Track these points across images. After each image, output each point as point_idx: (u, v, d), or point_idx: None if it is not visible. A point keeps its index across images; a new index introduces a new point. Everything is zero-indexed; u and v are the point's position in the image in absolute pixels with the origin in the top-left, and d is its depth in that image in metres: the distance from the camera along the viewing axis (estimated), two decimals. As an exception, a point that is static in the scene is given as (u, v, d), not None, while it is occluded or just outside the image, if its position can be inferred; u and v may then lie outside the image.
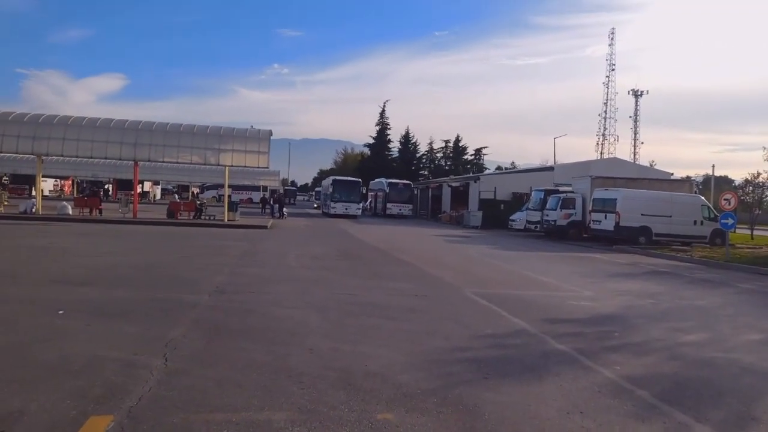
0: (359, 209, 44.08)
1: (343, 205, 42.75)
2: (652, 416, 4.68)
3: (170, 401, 4.38)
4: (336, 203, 42.95)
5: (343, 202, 42.91)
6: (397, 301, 9.22)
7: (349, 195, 43.49)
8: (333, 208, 42.89)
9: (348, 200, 43.10)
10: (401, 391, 4.86)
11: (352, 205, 43.21)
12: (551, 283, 12.60)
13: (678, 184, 31.42)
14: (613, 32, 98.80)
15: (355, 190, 44.36)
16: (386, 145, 78.91)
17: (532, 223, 31.79)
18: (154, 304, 7.93)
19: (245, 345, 6.08)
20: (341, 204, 42.83)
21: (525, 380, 5.44)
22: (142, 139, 27.41)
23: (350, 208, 42.84)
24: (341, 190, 43.76)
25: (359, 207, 44.26)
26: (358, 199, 44.66)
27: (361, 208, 45.40)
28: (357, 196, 44.30)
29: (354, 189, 44.29)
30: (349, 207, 42.83)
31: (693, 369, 6.22)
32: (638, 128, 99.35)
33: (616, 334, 7.79)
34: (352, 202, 43.30)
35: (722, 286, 14.10)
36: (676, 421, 4.60)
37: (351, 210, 42.87)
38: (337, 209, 42.66)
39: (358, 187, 44.89)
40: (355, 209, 43.30)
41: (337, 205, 42.84)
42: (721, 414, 4.88)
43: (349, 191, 43.84)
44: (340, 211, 42.48)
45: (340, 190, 43.66)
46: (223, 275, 11.01)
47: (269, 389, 4.73)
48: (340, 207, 42.76)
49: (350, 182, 45.47)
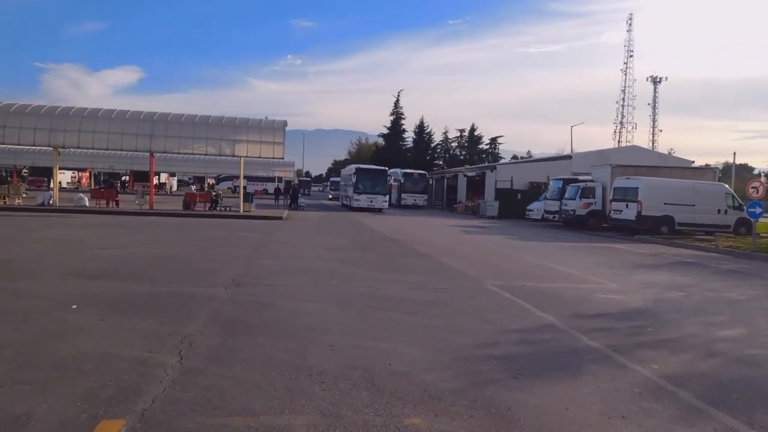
0: (385, 202, 39.21)
1: (368, 198, 38.42)
2: (699, 421, 4.35)
3: (186, 403, 4.14)
4: (359, 195, 38.52)
5: (368, 193, 38.53)
6: (416, 295, 8.94)
7: (374, 186, 38.93)
8: (356, 201, 38.54)
9: (373, 191, 38.65)
10: (428, 393, 4.59)
11: (378, 197, 38.67)
12: (575, 274, 12.23)
13: (700, 172, 30.65)
14: (631, 18, 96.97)
15: (381, 181, 39.74)
16: (400, 135, 78.46)
17: (550, 213, 31.28)
18: (169, 298, 7.73)
19: (263, 341, 5.83)
20: (365, 196, 38.47)
21: (558, 380, 5.14)
22: (158, 130, 27.32)
23: (375, 201, 38.50)
24: (365, 180, 39.13)
25: (385, 199, 39.27)
26: (384, 190, 39.68)
27: (388, 201, 40.21)
28: (383, 187, 39.58)
29: (380, 179, 39.67)
30: (374, 199, 38.46)
31: (735, 367, 5.87)
32: (657, 116, 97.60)
33: (649, 329, 7.44)
34: (377, 194, 38.72)
35: (751, 277, 13.61)
36: (725, 425, 4.28)
37: (376, 203, 38.51)
38: (361, 202, 38.37)
39: (384, 177, 40.32)
40: (381, 202, 38.73)
41: (361, 198, 38.48)
42: (774, 418, 4.54)
43: (374, 181, 39.19)
44: (364, 204, 38.26)
45: (364, 180, 39.05)
46: (239, 267, 10.80)
47: (290, 390, 4.48)
48: (364, 199, 38.41)
49: (376, 171, 40.61)
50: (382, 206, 38.71)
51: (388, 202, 40.02)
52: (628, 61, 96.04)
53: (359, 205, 38.18)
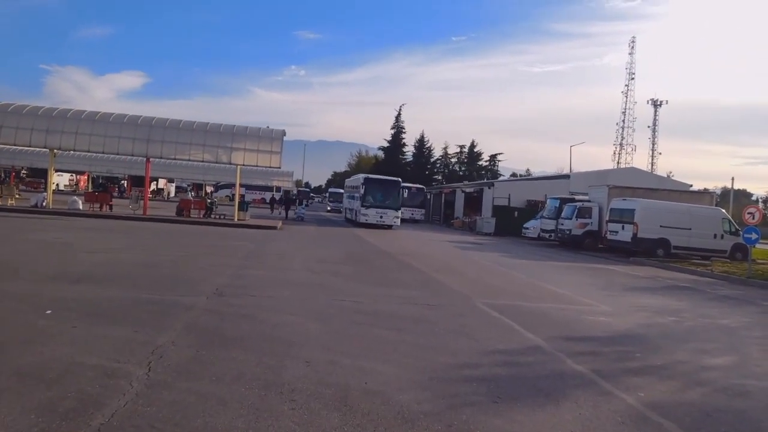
0: (397, 218, 33.67)
1: (378, 212, 32.90)
2: (682, 455, 4.17)
3: (146, 419, 3.96)
4: (368, 209, 32.94)
5: (378, 207, 33.03)
6: (403, 311, 8.75)
7: (385, 198, 33.50)
8: (363, 215, 33.07)
9: (383, 205, 33.15)
10: (402, 415, 4.40)
11: (389, 213, 33.06)
12: (566, 295, 12.05)
13: (698, 196, 30.61)
14: (633, 41, 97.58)
15: (394, 193, 34.10)
16: (401, 149, 78.46)
17: (547, 232, 31.14)
18: (147, 306, 7.55)
19: (237, 355, 5.64)
20: (374, 210, 32.91)
21: (539, 406, 4.95)
22: (155, 135, 27.23)
23: (386, 216, 32.94)
24: (376, 191, 33.59)
25: (397, 215, 33.67)
26: (397, 204, 33.92)
27: (400, 217, 34.53)
28: (395, 201, 33.93)
29: (392, 191, 34.10)
30: (385, 215, 32.90)
31: (724, 398, 5.68)
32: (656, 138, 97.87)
33: (637, 354, 7.26)
34: (388, 208, 33.13)
35: (746, 304, 13.43)
36: (710, 461, 4.09)
37: (387, 218, 32.97)
38: (369, 216, 32.81)
39: (397, 189, 34.45)
40: (392, 218, 33.19)
41: (369, 212, 32.89)
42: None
43: (386, 193, 33.75)
44: (373, 219, 32.73)
45: (374, 192, 33.52)
46: (225, 277, 10.62)
47: (257, 408, 4.29)
48: (373, 214, 32.86)
49: (388, 183, 34.89)
50: (394, 222, 33.43)
51: (400, 218, 34.49)
52: (629, 84, 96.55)
53: (367, 220, 32.91)
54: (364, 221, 32.86)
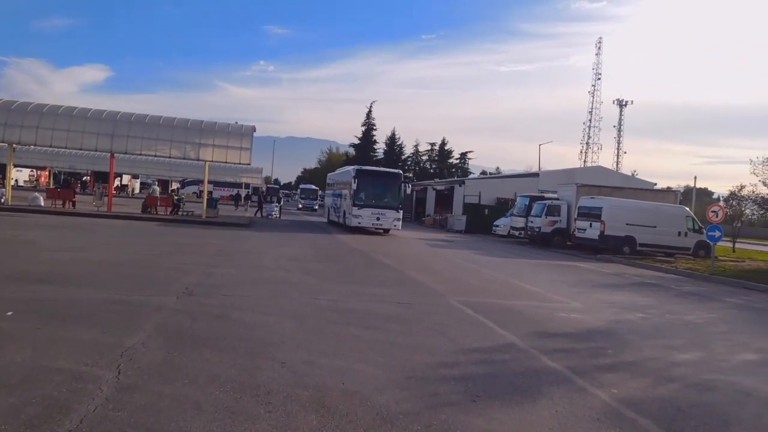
0: (399, 220, 27.06)
1: (374, 213, 26.37)
2: (657, 450, 4.23)
3: (116, 424, 3.81)
4: (361, 209, 26.32)
5: (373, 207, 26.43)
6: (378, 309, 8.70)
7: (382, 196, 27.03)
8: (354, 217, 26.42)
9: (380, 204, 26.69)
10: (381, 416, 4.35)
11: (388, 214, 26.53)
12: (538, 292, 12.18)
13: (662, 195, 31.38)
14: (600, 42, 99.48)
15: (393, 189, 27.52)
16: (372, 146, 78.38)
17: (516, 229, 31.51)
18: (115, 306, 7.31)
19: (210, 356, 5.50)
20: (369, 211, 26.33)
21: (517, 403, 4.97)
22: (120, 130, 26.52)
23: (384, 218, 26.52)
24: (371, 187, 27.01)
25: (398, 216, 26.95)
26: (397, 203, 27.23)
27: (401, 218, 27.68)
28: (395, 198, 27.29)
29: (391, 187, 27.58)
30: (382, 216, 26.45)
31: (694, 393, 5.80)
32: (622, 138, 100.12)
33: (609, 351, 7.36)
34: (387, 208, 26.64)
35: (710, 300, 13.82)
36: (684, 456, 4.16)
37: (385, 221, 26.63)
38: (362, 218, 26.35)
39: (398, 184, 27.88)
40: (392, 220, 26.69)
41: (363, 213, 26.31)
42: (732, 448, 4.46)
43: (384, 190, 27.27)
44: (368, 222, 26.48)
45: (369, 188, 26.91)
46: (195, 276, 10.38)
47: (232, 411, 4.18)
48: (368, 216, 26.34)
49: (386, 176, 28.67)
50: (393, 226, 27.00)
51: (401, 219, 27.68)
52: (595, 84, 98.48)
53: (360, 223, 26.47)
54: (357, 224, 26.50)
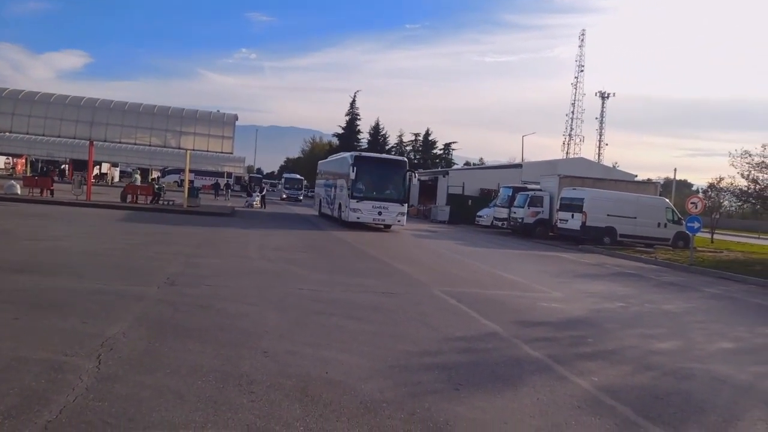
0: (403, 214, 24.02)
1: (375, 207, 23.24)
2: (636, 436, 4.32)
3: (97, 414, 3.77)
4: (360, 201, 23.17)
5: (374, 200, 23.34)
6: (362, 299, 8.71)
7: (385, 187, 24.01)
8: (352, 211, 23.28)
9: (382, 196, 23.60)
10: (364, 404, 4.36)
11: (391, 207, 23.49)
12: (521, 282, 12.30)
13: (643, 186, 31.80)
14: (583, 34, 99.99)
15: (397, 178, 24.21)
16: (355, 136, 78.07)
17: (500, 220, 31.71)
18: (95, 297, 7.21)
19: (192, 346, 5.46)
20: (370, 204, 23.23)
21: (499, 392, 5.02)
22: (99, 117, 26.04)
23: (387, 213, 23.44)
24: (371, 176, 23.85)
25: (403, 210, 23.94)
26: (401, 195, 24.13)
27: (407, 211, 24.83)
28: (400, 190, 24.14)
29: (395, 176, 24.24)
30: (384, 210, 23.35)
31: (671, 381, 5.91)
32: (603, 130, 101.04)
33: (589, 340, 7.47)
34: (390, 201, 23.60)
35: (688, 290, 14.07)
36: (662, 442, 4.25)
37: (388, 215, 23.51)
38: (362, 213, 23.24)
39: (402, 174, 24.37)
40: (396, 215, 23.64)
41: (362, 206, 23.18)
42: (708, 434, 4.56)
43: (386, 179, 24.17)
44: (368, 217, 23.38)
45: (370, 177, 23.76)
46: (176, 266, 10.27)
47: (215, 401, 4.16)
48: (368, 210, 23.24)
49: (389, 164, 25.59)
50: (397, 222, 23.91)
51: (406, 214, 24.66)
52: (578, 76, 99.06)
53: (359, 218, 23.34)
54: (355, 219, 23.34)
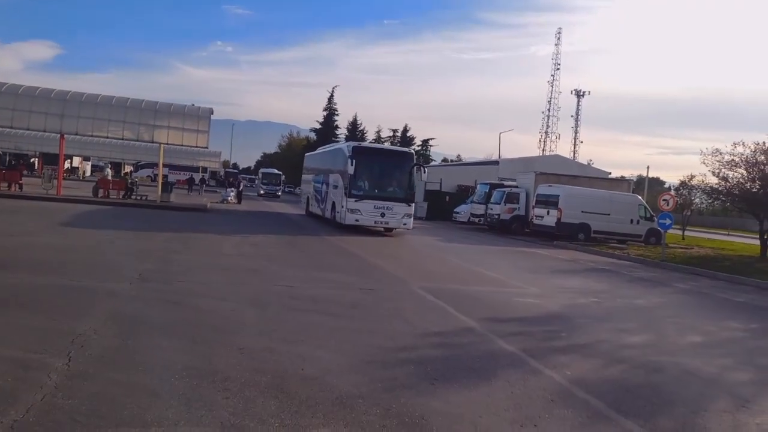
0: (410, 216, 20.50)
1: (377, 207, 19.73)
2: (607, 428, 4.40)
3: (66, 412, 3.69)
4: (359, 201, 19.69)
5: (376, 199, 19.89)
6: (340, 296, 8.70)
7: (388, 184, 20.81)
8: (351, 212, 19.75)
9: (386, 195, 20.24)
10: (341, 400, 4.36)
11: (396, 208, 20.06)
12: (497, 278, 12.41)
13: (616, 183, 32.32)
14: (559, 32, 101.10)
15: (403, 174, 20.77)
16: (333, 131, 77.69)
17: (476, 216, 31.92)
18: (65, 293, 7.06)
19: (166, 343, 5.39)
20: (371, 204, 19.74)
21: (474, 386, 5.06)
22: (70, 110, 25.41)
23: (391, 214, 19.98)
24: (372, 170, 20.63)
25: (410, 211, 20.50)
26: (408, 194, 20.64)
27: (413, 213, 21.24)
28: (405, 188, 20.69)
29: (401, 171, 20.81)
30: (389, 211, 19.92)
31: (642, 374, 6.04)
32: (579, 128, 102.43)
33: (563, 334, 7.58)
34: (395, 200, 20.18)
35: (660, 285, 14.37)
36: (632, 434, 4.34)
37: (393, 217, 20.05)
38: (362, 215, 19.73)
39: (409, 168, 20.81)
40: (402, 216, 20.17)
41: (362, 207, 19.67)
42: (677, 425, 4.66)
43: (390, 174, 20.95)
44: (369, 219, 19.89)
45: (371, 172, 20.55)
46: (149, 261, 10.11)
47: (188, 398, 4.11)
48: (369, 210, 19.71)
49: (393, 156, 22.09)
50: (402, 224, 20.42)
51: (413, 215, 21.09)
52: (554, 74, 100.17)
53: (358, 220, 19.86)
54: (353, 222, 19.87)
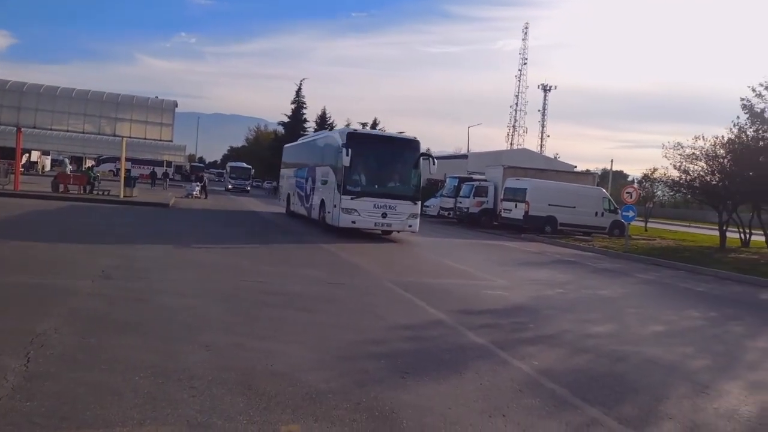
0: (416, 215, 17.88)
1: (377, 206, 17.11)
2: (574, 417, 4.48)
3: (25, 414, 3.57)
4: (356, 199, 17.00)
5: (377, 196, 17.21)
6: (310, 290, 8.62)
7: (390, 178, 18.39)
8: (347, 212, 16.98)
9: (388, 192, 17.52)
10: (310, 395, 4.32)
11: (400, 207, 17.42)
12: (467, 271, 12.52)
13: (582, 177, 33.03)
14: (526, 27, 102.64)
15: (408, 166, 18.20)
16: (302, 125, 76.95)
17: (446, 210, 32.17)
18: (23, 291, 6.82)
19: (130, 341, 5.25)
20: (370, 202, 17.12)
21: (443, 378, 5.09)
22: (27, 102, 24.54)
23: (394, 214, 17.33)
24: (371, 163, 17.97)
25: (415, 210, 17.86)
26: (413, 190, 18.03)
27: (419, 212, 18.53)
28: (410, 182, 18.25)
29: (405, 162, 18.23)
30: (391, 210, 17.25)
31: (606, 363, 6.17)
32: (546, 122, 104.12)
33: (530, 325, 7.70)
34: (398, 197, 17.47)
35: (623, 276, 14.74)
36: (596, 420, 4.44)
37: (396, 218, 17.41)
38: (360, 215, 17.04)
39: (415, 159, 18.15)
40: (406, 217, 17.55)
41: (360, 206, 17.01)
42: (640, 412, 4.78)
43: (392, 167, 18.42)
44: (368, 221, 17.25)
45: (369, 164, 17.89)
46: (112, 258, 9.83)
47: (153, 397, 4.01)
48: (368, 209, 17.10)
49: (396, 145, 18.80)
50: (407, 226, 17.88)
51: (419, 215, 18.43)
52: (522, 68, 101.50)
53: (355, 222, 17.17)
54: (349, 224, 17.14)
